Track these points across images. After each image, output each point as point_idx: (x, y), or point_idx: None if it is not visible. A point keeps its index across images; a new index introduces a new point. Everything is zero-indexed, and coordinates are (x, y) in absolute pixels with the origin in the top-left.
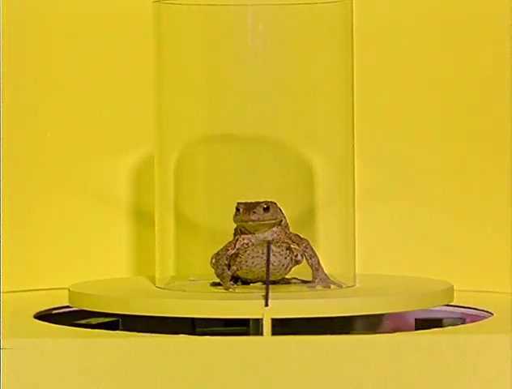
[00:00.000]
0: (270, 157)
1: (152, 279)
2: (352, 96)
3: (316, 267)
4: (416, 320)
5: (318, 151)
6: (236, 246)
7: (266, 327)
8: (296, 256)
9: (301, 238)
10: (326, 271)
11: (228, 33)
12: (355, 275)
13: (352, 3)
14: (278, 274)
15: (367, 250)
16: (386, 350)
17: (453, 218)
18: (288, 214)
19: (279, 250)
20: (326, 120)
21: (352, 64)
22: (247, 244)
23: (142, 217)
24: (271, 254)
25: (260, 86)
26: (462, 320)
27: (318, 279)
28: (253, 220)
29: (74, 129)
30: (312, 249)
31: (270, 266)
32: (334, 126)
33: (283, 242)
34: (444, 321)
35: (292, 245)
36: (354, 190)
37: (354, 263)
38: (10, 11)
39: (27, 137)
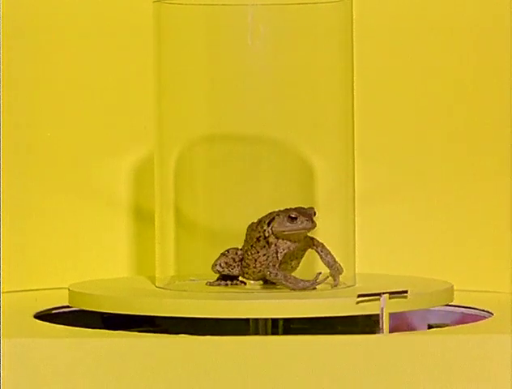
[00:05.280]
0: (271, 157)
1: (152, 279)
2: (352, 96)
3: (331, 264)
4: None
5: (318, 151)
6: (279, 258)
7: None
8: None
9: (319, 241)
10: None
11: (228, 33)
12: (355, 275)
13: (351, 3)
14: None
15: (367, 250)
16: (386, 350)
17: (453, 218)
18: None
19: (302, 253)
20: (326, 120)
21: (352, 64)
22: (286, 253)
23: (142, 217)
24: (294, 258)
25: (260, 86)
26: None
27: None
28: (314, 227)
29: (74, 129)
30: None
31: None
32: (334, 125)
33: (307, 246)
34: None
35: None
36: (354, 190)
37: (354, 263)
38: (10, 11)
39: (27, 137)
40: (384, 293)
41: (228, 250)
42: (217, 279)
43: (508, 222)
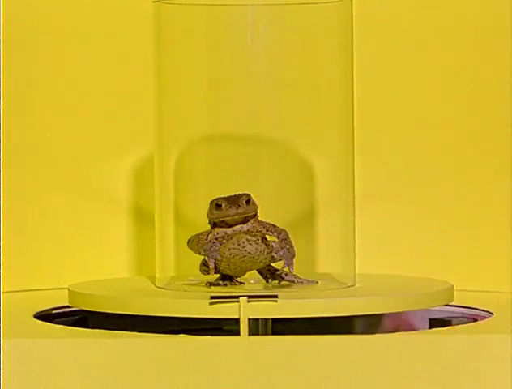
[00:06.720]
0: (271, 157)
1: (152, 279)
2: (352, 96)
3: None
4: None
5: (318, 151)
6: (209, 238)
7: None
8: (271, 251)
9: (277, 227)
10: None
11: (228, 33)
12: (355, 275)
13: (351, 3)
14: (258, 260)
15: (367, 250)
16: (386, 350)
17: (453, 218)
18: (288, 214)
19: (254, 238)
20: (326, 120)
21: (352, 64)
22: (222, 237)
23: (142, 217)
24: (248, 244)
25: (260, 86)
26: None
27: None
28: (240, 214)
29: (74, 129)
30: (289, 239)
31: (248, 254)
32: (334, 126)
33: (257, 232)
34: (454, 321)
35: (267, 236)
36: (354, 190)
37: (354, 263)
38: (10, 11)
39: (26, 137)
40: (241, 296)
41: None
42: (217, 279)
43: (508, 222)
